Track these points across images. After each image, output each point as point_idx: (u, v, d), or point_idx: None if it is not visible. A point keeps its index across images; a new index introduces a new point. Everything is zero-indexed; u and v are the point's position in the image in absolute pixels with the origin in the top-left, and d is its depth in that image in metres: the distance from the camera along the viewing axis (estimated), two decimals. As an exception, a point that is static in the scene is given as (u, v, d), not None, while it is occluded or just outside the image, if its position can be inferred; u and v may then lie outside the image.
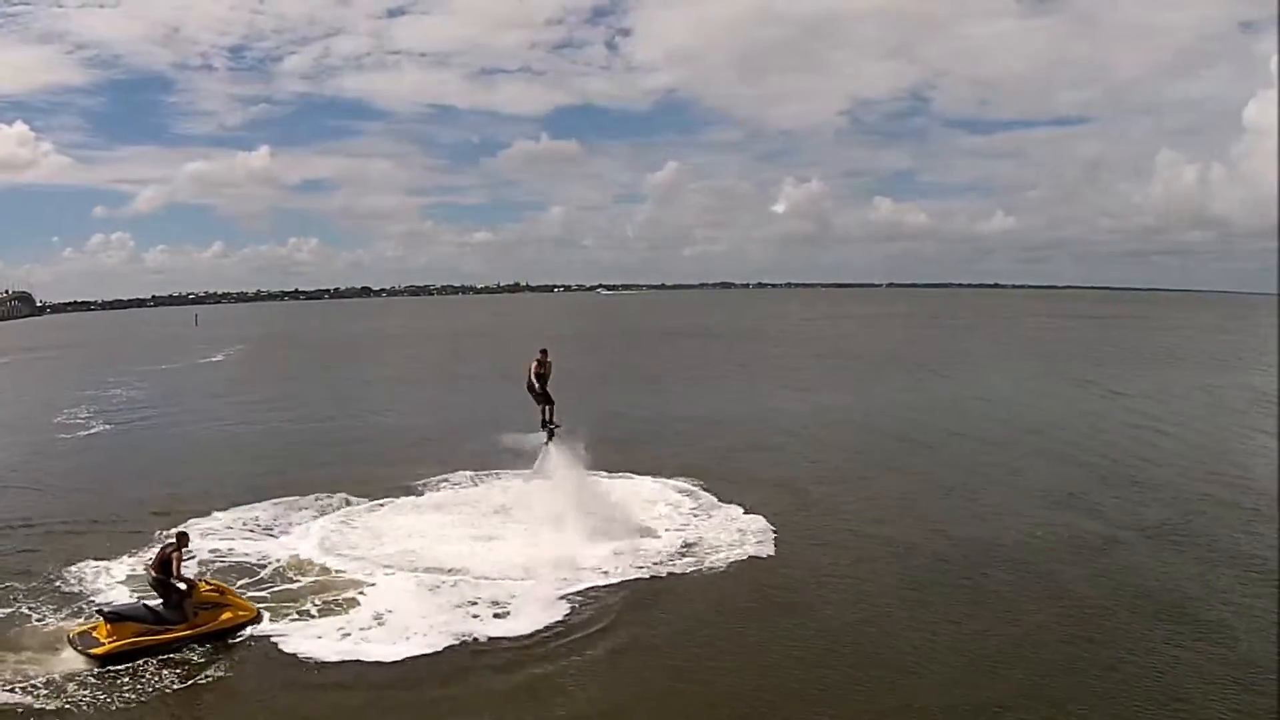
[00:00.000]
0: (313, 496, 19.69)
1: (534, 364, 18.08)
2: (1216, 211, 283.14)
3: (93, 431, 30.39)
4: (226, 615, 12.83)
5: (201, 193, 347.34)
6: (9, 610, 13.25)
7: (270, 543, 16.73)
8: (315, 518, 18.29)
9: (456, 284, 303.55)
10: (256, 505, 19.09)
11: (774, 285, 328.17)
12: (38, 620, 12.94)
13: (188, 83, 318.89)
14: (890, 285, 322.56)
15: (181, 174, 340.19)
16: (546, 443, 18.24)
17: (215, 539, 16.82)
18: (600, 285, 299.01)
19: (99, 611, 12.41)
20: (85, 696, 10.74)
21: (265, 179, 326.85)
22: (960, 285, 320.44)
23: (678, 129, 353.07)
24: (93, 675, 11.24)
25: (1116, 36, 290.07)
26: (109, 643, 11.84)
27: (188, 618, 12.45)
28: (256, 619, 13.05)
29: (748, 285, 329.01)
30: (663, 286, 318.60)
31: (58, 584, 14.30)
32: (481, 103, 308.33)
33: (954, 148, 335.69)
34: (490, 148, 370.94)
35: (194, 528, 16.70)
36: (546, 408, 18.30)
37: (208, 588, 13.01)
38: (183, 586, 12.55)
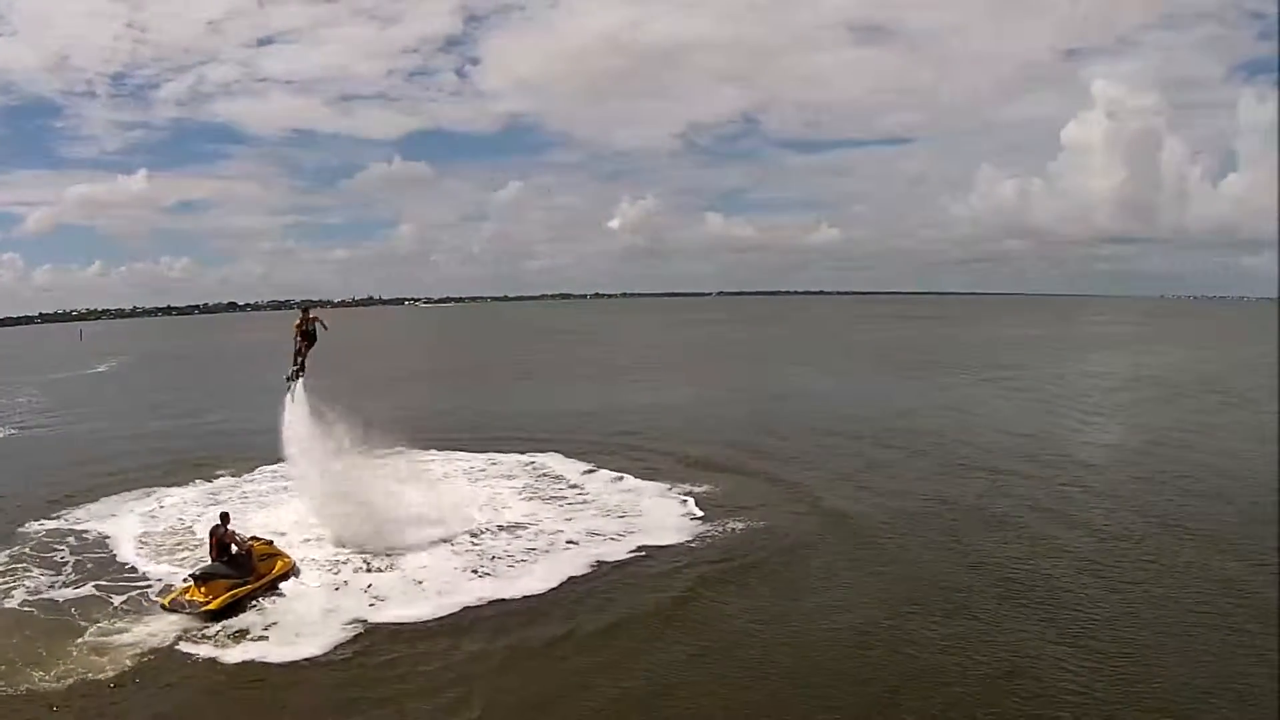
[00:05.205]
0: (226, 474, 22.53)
1: (298, 322, 18.17)
2: (1035, 222, 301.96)
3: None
4: (280, 564, 13.83)
5: (86, 214, 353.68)
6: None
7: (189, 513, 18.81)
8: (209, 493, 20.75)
9: (315, 298, 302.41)
10: (154, 489, 21.03)
11: (610, 295, 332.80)
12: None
13: (73, 108, 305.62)
14: (719, 294, 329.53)
15: (67, 196, 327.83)
16: (292, 382, 18.03)
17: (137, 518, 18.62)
18: (418, 299, 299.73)
19: (191, 576, 13.04)
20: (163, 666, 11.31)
21: (143, 201, 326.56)
22: (786, 293, 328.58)
23: (523, 151, 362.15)
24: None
25: (944, 64, 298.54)
26: (212, 600, 12.48)
27: (256, 569, 13.42)
28: (295, 569, 14.03)
29: (585, 296, 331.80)
30: (505, 298, 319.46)
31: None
32: (342, 127, 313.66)
33: (783, 166, 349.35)
34: (349, 170, 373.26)
35: (128, 504, 19.62)
36: (300, 359, 18.14)
37: (261, 543, 13.94)
38: (245, 549, 13.51)
